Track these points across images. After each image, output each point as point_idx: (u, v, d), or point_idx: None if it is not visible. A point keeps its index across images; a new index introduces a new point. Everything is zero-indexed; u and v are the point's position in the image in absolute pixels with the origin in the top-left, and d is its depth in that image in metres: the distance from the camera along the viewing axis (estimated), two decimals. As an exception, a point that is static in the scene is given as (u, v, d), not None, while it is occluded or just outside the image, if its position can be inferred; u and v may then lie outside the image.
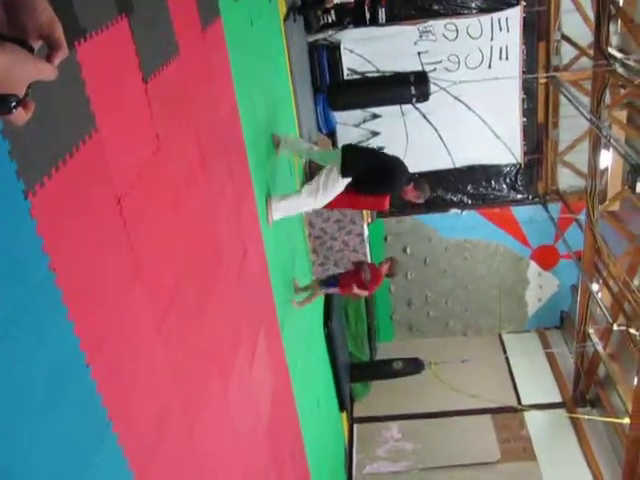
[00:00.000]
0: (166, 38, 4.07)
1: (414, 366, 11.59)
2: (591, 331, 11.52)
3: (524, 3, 11.43)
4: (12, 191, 2.32)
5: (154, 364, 3.54)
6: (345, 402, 11.98)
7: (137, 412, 3.27)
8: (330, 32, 11.39)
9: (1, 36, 0.95)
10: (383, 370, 12.10)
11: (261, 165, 6.76)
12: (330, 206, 7.25)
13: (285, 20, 8.99)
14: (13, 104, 1.00)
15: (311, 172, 10.83)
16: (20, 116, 1.06)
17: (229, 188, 5.38)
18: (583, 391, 12.27)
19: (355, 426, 13.10)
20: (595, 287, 11.01)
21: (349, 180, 6.69)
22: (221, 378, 4.76)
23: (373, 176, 6.67)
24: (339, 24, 11.47)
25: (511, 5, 11.48)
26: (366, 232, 10.45)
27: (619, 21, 10.30)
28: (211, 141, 4.91)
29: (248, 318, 5.77)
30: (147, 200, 3.58)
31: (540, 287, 14.42)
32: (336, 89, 10.22)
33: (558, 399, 12.99)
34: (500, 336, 14.85)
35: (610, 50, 9.45)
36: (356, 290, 8.07)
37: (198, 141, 4.60)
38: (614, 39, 10.36)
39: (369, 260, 10.31)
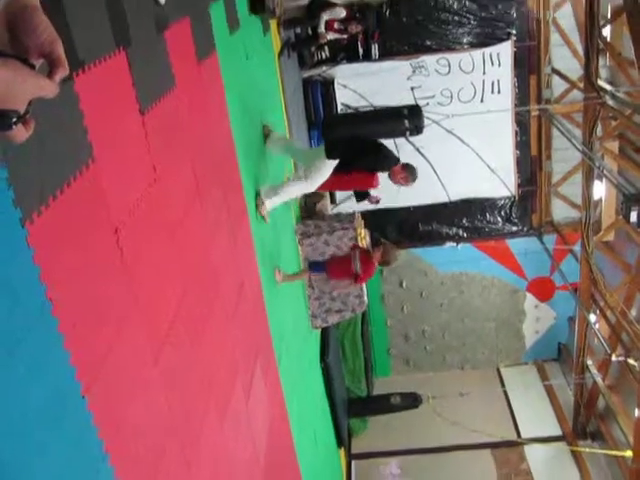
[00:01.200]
0: (163, 71, 4.11)
1: (412, 401, 11.51)
2: (590, 363, 11.48)
3: (514, 38, 11.58)
4: (9, 219, 2.32)
5: (151, 396, 3.51)
6: (343, 438, 11.86)
7: (133, 445, 3.23)
8: (324, 68, 11.50)
9: (3, 53, 0.95)
10: (381, 405, 12.01)
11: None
12: (321, 188, 7.15)
13: (279, 55, 9.09)
14: (13, 120, 0.99)
15: (307, 207, 10.88)
16: (20, 133, 1.05)
17: (225, 219, 5.39)
18: (583, 424, 12.18)
19: (353, 462, 12.96)
20: (592, 318, 10.99)
21: (335, 162, 6.63)
22: (218, 411, 4.71)
23: (360, 153, 6.66)
24: (333, 60, 11.59)
25: (502, 40, 11.63)
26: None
27: (607, 55, 10.46)
28: (207, 172, 4.93)
29: (245, 350, 5.74)
30: (144, 230, 3.58)
31: (537, 319, 14.38)
32: (330, 123, 10.27)
33: (558, 432, 12.89)
34: (498, 369, 14.77)
35: (600, 83, 9.56)
36: (346, 282, 7.81)
37: (194, 172, 4.62)
38: (603, 72, 10.50)
39: (364, 288, 10.24)
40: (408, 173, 6.93)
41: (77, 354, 2.68)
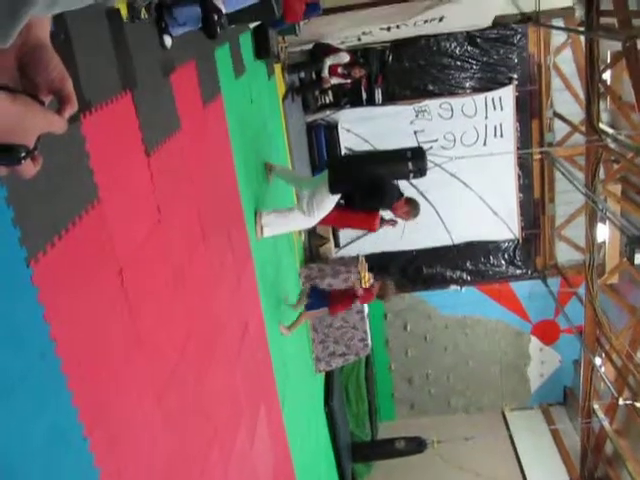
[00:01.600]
0: (169, 113, 4.15)
1: (416, 445, 11.38)
2: (596, 406, 11.36)
3: (516, 82, 11.71)
4: (14, 258, 2.33)
5: (154, 438, 3.47)
6: (347, 483, 11.69)
7: (136, 488, 3.19)
8: (328, 112, 11.62)
9: (13, 89, 0.96)
10: (385, 449, 11.87)
11: (261, 241, 6.78)
12: (321, 223, 7.11)
13: (284, 99, 9.20)
14: (22, 155, 1.00)
15: (310, 251, 10.89)
16: (28, 168, 1.05)
17: (229, 261, 5.39)
18: (591, 469, 12.00)
19: (357, 508, 12.76)
20: (598, 361, 10.91)
21: (338, 197, 6.57)
22: (222, 454, 4.66)
23: (362, 189, 6.57)
24: (336, 104, 11.72)
25: (504, 85, 11.76)
26: (366, 309, 10.42)
27: (608, 98, 10.56)
28: (211, 214, 4.95)
29: (249, 393, 5.69)
30: (148, 272, 3.59)
31: (542, 362, 14.28)
32: (333, 165, 10.36)
33: (565, 478, 12.70)
34: (503, 413, 14.61)
35: (602, 126, 9.64)
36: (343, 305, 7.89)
37: (199, 214, 4.63)
38: (604, 116, 10.59)
39: (368, 331, 10.21)
40: (410, 208, 6.88)
41: (80, 394, 2.66)
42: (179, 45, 4.29)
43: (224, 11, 3.99)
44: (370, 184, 6.64)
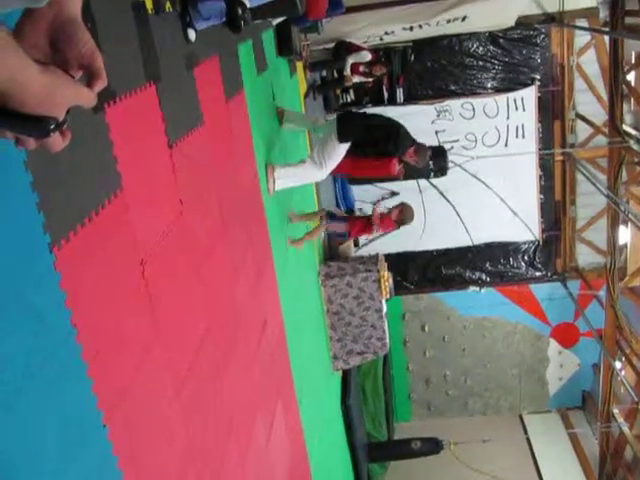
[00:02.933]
0: (192, 106, 4.17)
1: (433, 446, 11.33)
2: (616, 411, 11.26)
3: (539, 83, 11.64)
4: (38, 243, 2.34)
5: (171, 429, 3.49)
6: (362, 483, 11.67)
7: (154, 478, 3.20)
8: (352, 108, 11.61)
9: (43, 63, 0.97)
10: (401, 450, 11.83)
11: (281, 236, 6.80)
12: (335, 172, 7.01)
13: (305, 97, 9.20)
14: (52, 127, 0.99)
15: (330, 249, 10.89)
16: (57, 141, 1.05)
17: (249, 256, 5.40)
18: (610, 474, 11.89)
19: (372, 508, 12.73)
20: (618, 365, 10.82)
21: (348, 144, 6.40)
22: (239, 448, 4.67)
23: (375, 136, 6.42)
24: (358, 103, 11.71)
25: (526, 85, 11.70)
26: (385, 308, 10.39)
27: (632, 100, 10.47)
28: (233, 210, 4.96)
29: (266, 389, 5.70)
30: (169, 263, 3.60)
31: (561, 366, 14.18)
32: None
33: (583, 483, 12.61)
34: (521, 416, 14.53)
35: (625, 127, 9.56)
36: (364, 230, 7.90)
37: (220, 209, 4.65)
38: (627, 117, 10.50)
39: (387, 330, 10.19)
40: (419, 156, 6.73)
41: (99, 383, 2.68)
42: (203, 39, 4.30)
43: (248, 5, 4.00)
44: (384, 129, 6.48)
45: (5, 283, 2.17)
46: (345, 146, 6.40)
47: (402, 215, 7.61)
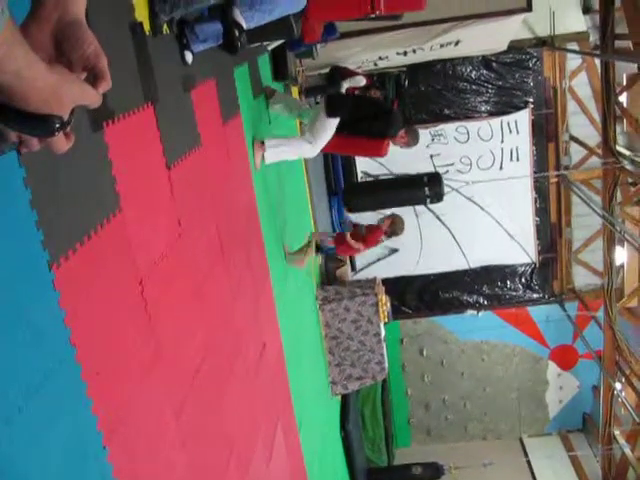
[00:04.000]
0: (189, 128, 4.18)
1: (433, 471, 11.25)
2: (617, 433, 11.20)
3: (532, 106, 11.73)
4: (37, 261, 2.34)
5: (171, 451, 3.45)
6: (362, 509, 11.55)
7: (153, 500, 3.16)
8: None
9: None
10: (402, 475, 11.73)
11: (279, 260, 6.79)
12: (326, 149, 6.91)
13: (301, 122, 9.24)
14: (57, 126, 0.99)
15: (327, 273, 10.87)
16: (61, 142, 1.05)
17: (248, 279, 5.39)
18: (612, 497, 11.81)
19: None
20: (618, 386, 10.77)
21: (337, 119, 6.22)
22: (239, 471, 4.62)
23: (365, 113, 6.33)
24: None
25: (520, 108, 11.80)
26: (383, 332, 10.36)
27: (624, 121, 10.55)
28: (231, 231, 4.96)
29: (266, 412, 5.66)
30: (168, 284, 3.59)
31: (560, 388, 14.12)
32: (351, 191, 10.38)
33: (585, 507, 12.50)
34: (521, 439, 14.43)
35: (618, 148, 9.63)
36: (351, 242, 7.73)
37: (218, 230, 4.64)
38: (621, 138, 10.58)
39: (385, 354, 10.15)
40: (410, 138, 6.62)
41: (99, 403, 2.65)
42: (200, 61, 4.33)
43: (245, 27, 4.03)
44: (376, 107, 6.43)
45: (4, 300, 2.16)
46: (334, 121, 6.25)
47: (393, 226, 7.63)
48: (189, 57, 4.14)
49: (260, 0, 4.08)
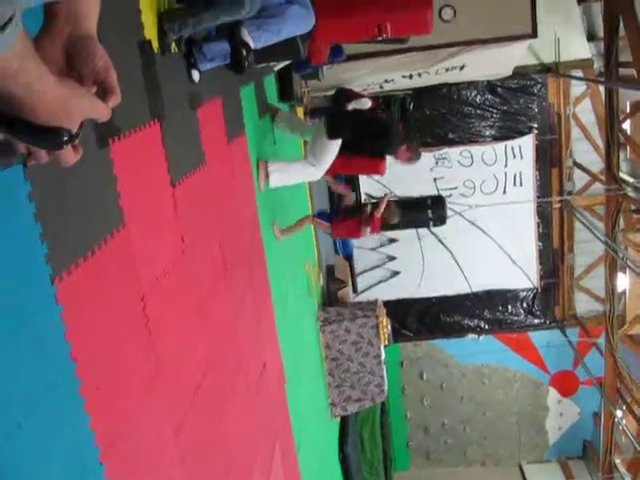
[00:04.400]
0: (194, 146, 4.20)
1: (432, 496, 11.15)
2: (618, 461, 11.12)
3: (536, 131, 11.77)
4: (40, 274, 2.34)
5: (170, 468, 3.43)
6: (360, 534, 11.44)
7: (150, 518, 3.14)
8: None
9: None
10: (400, 500, 11.63)
11: (280, 280, 6.78)
12: (328, 173, 6.77)
13: (306, 144, 9.26)
14: (65, 139, 0.99)
15: (329, 294, 10.86)
16: (69, 155, 1.05)
17: (249, 298, 5.39)
18: (612, 527, 11.69)
19: None
20: (619, 414, 10.70)
21: (339, 141, 6.23)
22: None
23: (365, 133, 6.28)
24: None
25: (524, 134, 11.84)
26: (383, 354, 10.33)
27: (628, 148, 10.58)
28: (233, 250, 4.97)
29: (265, 432, 5.63)
30: (170, 301, 3.59)
31: (561, 415, 14.04)
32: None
33: (584, 535, 12.38)
34: (520, 466, 14.34)
35: (621, 175, 9.65)
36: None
37: (221, 249, 4.65)
38: (624, 165, 10.61)
39: (385, 377, 10.11)
40: (412, 154, 6.60)
41: (97, 419, 2.64)
42: (206, 80, 4.36)
43: (252, 46, 4.06)
44: (376, 126, 6.38)
45: (6, 313, 2.16)
46: (336, 142, 6.27)
47: (387, 211, 7.34)
48: (196, 76, 4.17)
49: (268, 20, 4.12)
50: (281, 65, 7.11)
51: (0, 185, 2.16)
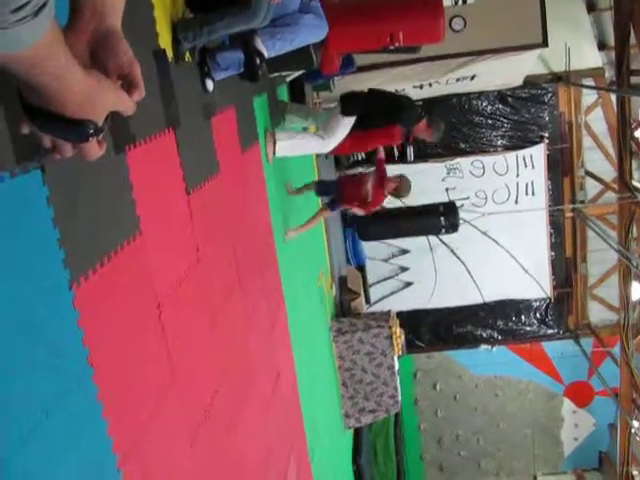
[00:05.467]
0: (209, 155, 4.22)
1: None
2: (635, 473, 11.01)
3: (547, 141, 11.75)
4: (58, 279, 2.35)
5: (185, 478, 3.42)
6: None
7: (166, 526, 3.13)
8: (360, 169, 11.68)
9: None
10: (414, 512, 11.54)
11: (294, 289, 6.77)
12: (342, 150, 6.64)
13: (317, 155, 9.28)
14: (91, 131, 0.99)
15: (342, 305, 10.84)
16: (93, 149, 1.05)
17: (263, 307, 5.39)
18: (629, 538, 11.56)
19: None
20: (636, 424, 10.61)
21: (352, 118, 6.12)
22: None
23: (380, 108, 6.18)
24: (368, 161, 11.79)
25: (535, 143, 11.82)
26: (397, 365, 10.29)
27: (640, 156, 10.57)
28: (247, 260, 4.97)
29: (279, 442, 5.61)
30: (185, 309, 3.59)
31: (576, 426, 13.93)
32: (366, 220, 10.39)
33: None
34: (535, 477, 14.23)
35: (634, 183, 9.61)
36: (354, 208, 7.20)
37: (236, 258, 4.65)
38: (636, 173, 10.57)
39: (398, 387, 10.06)
40: (433, 129, 6.55)
41: (115, 425, 2.64)
42: (220, 89, 4.38)
43: (266, 55, 4.08)
44: (388, 101, 6.30)
45: (24, 317, 2.16)
46: (350, 119, 6.15)
47: (400, 185, 7.03)
48: (210, 85, 4.19)
49: (282, 29, 4.14)
50: (294, 75, 7.13)
51: (19, 189, 2.17)
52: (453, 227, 9.61)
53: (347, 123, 6.16)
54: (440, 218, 9.54)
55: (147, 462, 2.96)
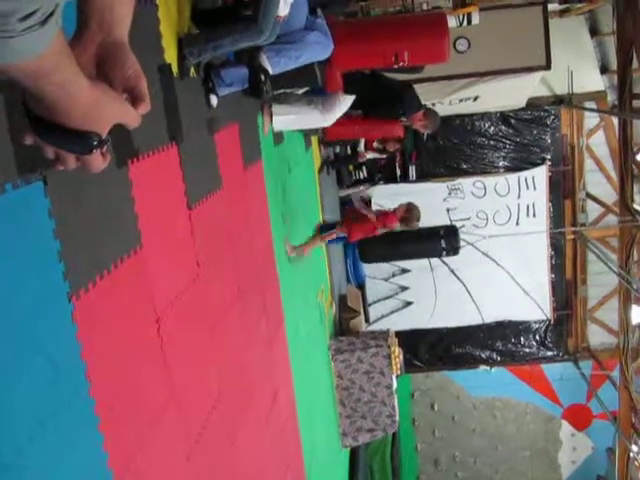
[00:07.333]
0: (211, 170, 4.22)
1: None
2: (632, 497, 10.92)
3: (549, 163, 11.78)
4: (57, 291, 2.34)
5: (181, 494, 3.40)
6: None
7: None
8: (361, 187, 11.71)
9: None
10: (410, 534, 11.44)
11: (294, 307, 6.75)
12: (344, 135, 6.57)
13: (319, 172, 9.30)
14: (95, 143, 0.99)
15: (340, 324, 10.81)
16: (97, 161, 1.04)
17: (262, 324, 5.37)
18: None
19: None
20: (634, 449, 10.54)
21: (351, 97, 6.03)
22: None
23: (381, 96, 6.20)
24: (370, 180, 11.82)
25: (537, 165, 11.85)
26: (395, 384, 10.24)
27: (642, 180, 10.56)
28: (248, 276, 4.96)
29: (275, 461, 5.58)
30: (184, 324, 3.57)
31: (574, 449, 13.86)
32: (367, 242, 10.39)
33: None
34: (533, 501, 14.13)
35: (635, 206, 9.61)
36: (362, 210, 7.25)
37: (236, 273, 4.65)
38: (637, 197, 10.57)
39: (396, 407, 10.01)
40: (429, 120, 6.53)
41: (111, 439, 2.62)
42: (224, 105, 4.39)
43: (271, 72, 4.09)
44: (390, 89, 6.29)
45: (23, 328, 2.16)
46: (349, 97, 6.07)
47: (409, 214, 7.12)
48: (214, 101, 4.20)
49: (287, 46, 4.16)
50: (298, 93, 7.12)
51: (21, 201, 2.17)
52: (454, 250, 9.62)
53: (347, 100, 6.10)
54: (441, 241, 9.54)
55: (143, 477, 2.93)
